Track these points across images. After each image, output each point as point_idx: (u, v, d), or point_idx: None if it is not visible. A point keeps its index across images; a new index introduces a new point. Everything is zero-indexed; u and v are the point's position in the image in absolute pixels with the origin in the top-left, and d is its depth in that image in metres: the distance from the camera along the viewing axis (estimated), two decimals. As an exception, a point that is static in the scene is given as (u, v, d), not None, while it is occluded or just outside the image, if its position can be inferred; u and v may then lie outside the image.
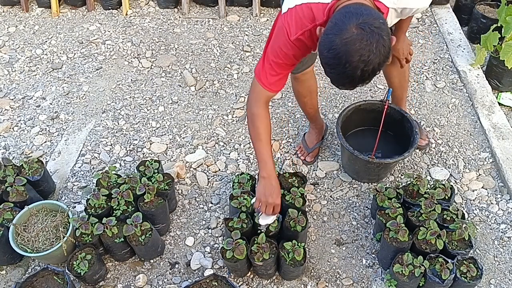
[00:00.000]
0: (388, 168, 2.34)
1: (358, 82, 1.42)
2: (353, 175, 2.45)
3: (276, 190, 1.87)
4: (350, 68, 1.36)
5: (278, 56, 1.67)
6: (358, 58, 1.34)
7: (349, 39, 1.33)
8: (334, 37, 1.35)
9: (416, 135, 2.23)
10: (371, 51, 1.33)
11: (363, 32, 1.32)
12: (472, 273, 1.86)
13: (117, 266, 2.13)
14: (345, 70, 1.37)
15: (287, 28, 1.60)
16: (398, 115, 2.36)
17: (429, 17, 3.53)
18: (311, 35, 1.59)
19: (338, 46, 1.34)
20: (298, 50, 1.65)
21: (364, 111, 2.42)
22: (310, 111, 2.41)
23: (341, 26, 1.35)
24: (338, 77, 1.43)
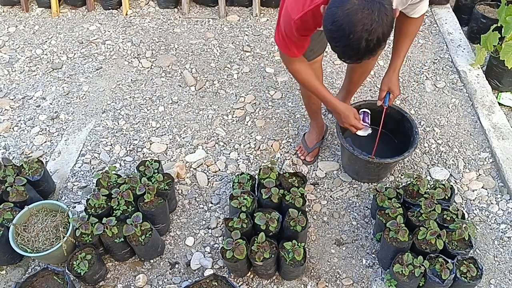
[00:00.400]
0: (388, 168, 2.34)
1: (364, 54, 1.44)
2: (353, 175, 2.44)
3: (344, 114, 2.05)
4: (355, 38, 1.38)
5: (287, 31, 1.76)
6: (361, 28, 1.36)
7: (350, 10, 1.36)
8: (336, 9, 1.39)
9: (416, 135, 2.23)
10: (373, 19, 1.35)
11: (364, 2, 1.35)
12: (472, 273, 1.86)
13: (117, 266, 2.13)
14: (349, 42, 1.40)
15: (290, 10, 1.68)
16: (398, 115, 2.36)
17: (429, 17, 3.53)
18: (313, 15, 1.63)
19: (341, 18, 1.37)
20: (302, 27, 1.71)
21: None
22: (313, 106, 2.41)
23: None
24: (344, 49, 1.45)
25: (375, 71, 3.09)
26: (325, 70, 3.08)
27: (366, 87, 2.98)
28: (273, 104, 2.87)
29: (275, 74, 3.09)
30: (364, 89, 2.97)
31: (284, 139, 2.67)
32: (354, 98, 2.89)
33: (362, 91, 2.95)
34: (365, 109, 2.23)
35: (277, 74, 3.09)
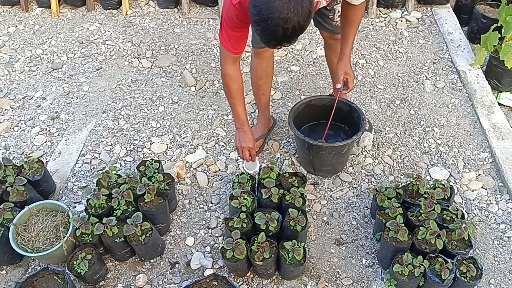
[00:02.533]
0: (340, 156, 2.35)
1: (282, 40, 1.55)
2: (309, 168, 2.47)
3: (248, 136, 2.18)
4: (272, 24, 1.48)
5: (226, 20, 1.85)
6: (277, 15, 1.46)
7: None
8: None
9: (363, 121, 2.29)
10: (289, 9, 1.45)
11: None
12: (472, 273, 1.86)
13: (117, 266, 2.14)
14: (267, 27, 1.50)
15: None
16: (346, 107, 2.42)
17: (429, 17, 3.53)
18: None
19: (261, 3, 1.48)
20: (240, 12, 1.77)
21: (314, 106, 2.46)
22: (263, 97, 2.49)
23: None
24: (263, 34, 1.57)
25: (375, 71, 3.10)
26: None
27: (366, 87, 2.99)
28: (273, 104, 2.87)
29: (275, 74, 3.08)
30: (364, 89, 2.97)
31: (284, 139, 2.67)
32: (354, 99, 2.90)
33: (362, 91, 2.96)
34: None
35: (277, 74, 3.09)
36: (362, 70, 3.11)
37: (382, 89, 2.97)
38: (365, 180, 2.46)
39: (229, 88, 2.11)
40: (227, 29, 1.88)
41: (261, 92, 2.46)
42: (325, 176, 2.47)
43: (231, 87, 2.10)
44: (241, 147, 2.22)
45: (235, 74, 2.08)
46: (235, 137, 2.22)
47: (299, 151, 2.50)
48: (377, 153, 2.58)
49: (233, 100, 2.15)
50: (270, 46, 1.67)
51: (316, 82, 3.04)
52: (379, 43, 3.32)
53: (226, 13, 1.83)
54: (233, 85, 2.10)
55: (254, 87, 2.47)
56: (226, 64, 2.04)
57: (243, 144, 2.20)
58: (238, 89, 2.12)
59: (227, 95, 2.16)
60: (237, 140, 2.23)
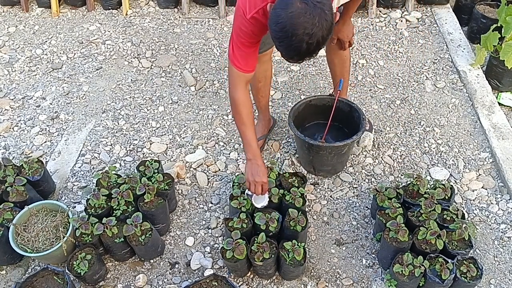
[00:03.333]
0: (340, 156, 2.35)
1: (305, 55, 1.53)
2: (310, 168, 2.47)
3: (261, 169, 1.94)
4: (296, 40, 1.46)
5: (240, 35, 1.79)
6: (302, 31, 1.44)
7: (294, 13, 1.44)
8: (281, 11, 1.47)
9: (363, 121, 2.28)
10: (314, 24, 1.43)
11: (306, 7, 1.43)
12: (472, 273, 1.86)
13: (117, 266, 2.13)
14: (291, 43, 1.48)
15: (243, 9, 1.73)
16: (346, 107, 2.42)
17: (429, 17, 3.53)
18: (264, 13, 1.69)
19: (284, 20, 1.45)
20: (255, 27, 1.75)
21: (314, 106, 2.46)
22: (262, 99, 2.48)
23: (287, 1, 1.46)
24: (286, 50, 1.54)
25: (375, 71, 3.10)
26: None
27: (366, 87, 2.99)
28: (273, 104, 2.87)
29: (275, 74, 3.09)
30: (364, 89, 2.97)
31: (284, 139, 2.67)
32: (354, 99, 2.89)
33: (362, 91, 2.95)
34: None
35: (277, 74, 3.09)
36: (362, 70, 3.11)
37: (382, 89, 2.97)
38: (365, 180, 2.46)
39: (240, 115, 1.93)
40: (240, 46, 1.80)
41: (260, 95, 2.45)
42: (325, 176, 2.47)
43: (242, 113, 1.92)
44: (254, 182, 1.94)
45: (246, 98, 1.93)
46: (246, 169, 1.96)
47: (299, 151, 2.50)
48: (377, 153, 2.58)
49: (244, 127, 1.94)
50: (292, 61, 1.64)
51: (316, 82, 3.03)
52: (379, 43, 3.32)
53: (240, 29, 1.76)
54: (244, 111, 1.92)
55: (253, 90, 2.45)
56: (238, 87, 1.90)
57: (257, 179, 1.93)
58: (249, 114, 1.94)
59: (237, 122, 1.97)
60: (249, 173, 1.94)
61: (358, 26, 3.46)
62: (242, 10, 1.73)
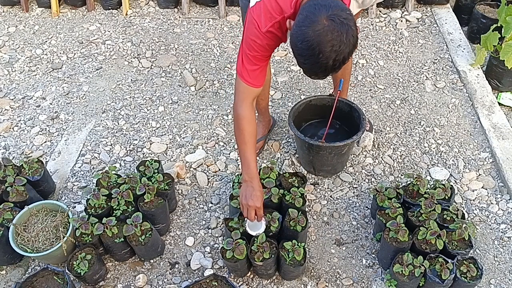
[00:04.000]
0: (340, 156, 2.35)
1: (330, 71, 1.50)
2: (310, 168, 2.47)
3: (256, 193, 1.84)
4: (323, 58, 1.43)
5: (253, 48, 1.73)
6: (330, 49, 1.41)
7: (321, 31, 1.40)
8: (307, 29, 1.42)
9: (363, 121, 2.28)
10: (341, 41, 1.41)
11: (333, 24, 1.40)
12: (472, 273, 1.86)
13: (117, 266, 2.13)
14: (318, 60, 1.45)
15: (257, 21, 1.67)
16: (346, 107, 2.42)
17: (429, 17, 3.53)
18: (280, 27, 1.66)
19: (311, 38, 1.42)
20: (271, 40, 1.71)
21: (314, 106, 2.46)
22: (261, 102, 2.47)
23: (312, 18, 1.42)
24: (312, 67, 1.51)
25: (375, 71, 3.10)
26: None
27: (366, 87, 2.99)
28: (273, 104, 2.87)
29: (275, 74, 3.09)
30: (364, 89, 2.97)
31: (284, 139, 2.67)
32: (354, 99, 2.89)
33: (362, 91, 2.95)
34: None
35: (277, 74, 3.09)
36: (362, 70, 3.11)
37: (382, 89, 2.97)
38: (365, 180, 2.46)
39: (243, 132, 1.84)
40: (252, 59, 1.74)
41: (260, 97, 2.43)
42: (325, 176, 2.47)
43: (246, 130, 1.83)
44: (247, 205, 1.85)
45: (251, 116, 1.85)
46: (241, 191, 1.87)
47: (299, 151, 2.50)
48: (377, 153, 2.58)
49: (244, 146, 1.85)
50: (315, 77, 1.58)
51: (316, 82, 3.03)
52: (379, 43, 3.32)
53: (254, 42, 1.70)
54: (248, 129, 1.84)
55: None
56: (244, 102, 1.83)
57: (250, 203, 1.83)
58: (252, 133, 1.86)
59: (238, 140, 1.87)
60: (243, 196, 1.85)
61: (358, 26, 3.46)
62: (257, 23, 1.66)
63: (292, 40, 1.50)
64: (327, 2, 1.44)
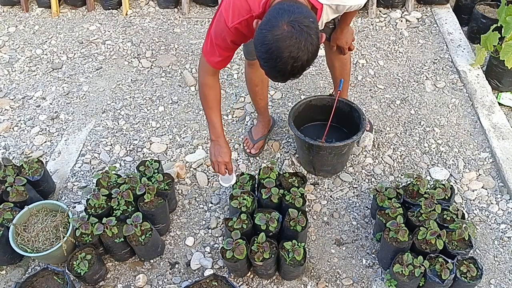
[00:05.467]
0: (340, 156, 2.35)
1: (289, 76, 1.51)
2: (310, 168, 2.47)
3: (223, 150, 2.00)
4: (281, 63, 1.44)
5: (219, 39, 1.76)
6: (288, 55, 1.41)
7: (279, 36, 1.40)
8: (267, 32, 1.43)
9: (363, 121, 2.28)
10: (299, 48, 1.41)
11: (293, 30, 1.40)
12: (472, 273, 1.86)
13: (117, 266, 2.13)
14: (276, 65, 1.45)
15: (225, 16, 1.68)
16: (346, 107, 2.42)
17: (429, 17, 3.53)
18: (248, 25, 1.66)
19: (270, 42, 1.42)
20: (236, 36, 1.72)
21: (314, 106, 2.46)
22: (260, 102, 2.48)
23: (273, 22, 1.43)
24: (270, 70, 1.51)
25: (375, 71, 3.10)
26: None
27: (366, 87, 2.99)
28: (273, 104, 2.87)
29: (275, 74, 3.08)
30: (364, 89, 2.97)
31: (284, 139, 2.67)
32: (354, 98, 2.89)
33: (362, 91, 2.95)
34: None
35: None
36: (362, 70, 3.11)
37: (382, 89, 2.97)
38: (365, 180, 2.46)
39: (206, 97, 1.97)
40: (217, 48, 1.79)
41: (258, 98, 2.45)
42: (325, 176, 2.47)
43: (208, 96, 1.96)
44: (216, 162, 2.01)
45: (214, 84, 1.96)
46: (210, 150, 2.03)
47: (299, 151, 2.50)
48: (377, 153, 2.58)
49: (209, 110, 1.99)
50: (275, 81, 1.62)
51: (316, 82, 3.03)
52: (379, 43, 3.32)
53: (220, 34, 1.74)
54: (211, 95, 1.96)
55: (251, 94, 2.45)
56: (207, 74, 1.93)
57: (219, 159, 2.00)
58: (215, 98, 1.98)
59: (203, 105, 2.01)
60: (212, 154, 2.02)
61: (358, 26, 3.46)
62: (225, 17, 1.68)
63: (254, 41, 1.50)
64: (292, 8, 1.43)
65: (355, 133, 2.26)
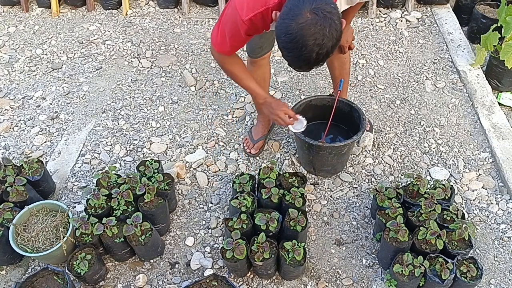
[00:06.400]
0: (340, 156, 2.35)
1: (314, 64, 1.52)
2: (310, 168, 2.47)
3: (274, 104, 2.02)
4: (306, 51, 1.45)
5: (231, 32, 1.78)
6: (313, 42, 1.43)
7: (304, 24, 1.42)
8: (290, 22, 1.44)
9: (364, 121, 2.28)
10: (324, 35, 1.42)
11: (316, 17, 1.41)
12: (472, 273, 1.86)
13: (117, 266, 2.13)
14: (301, 53, 1.47)
15: (239, 10, 1.69)
16: (346, 107, 2.42)
17: (429, 17, 3.53)
18: (262, 17, 1.68)
19: (294, 31, 1.43)
20: (250, 29, 1.73)
21: (314, 106, 2.46)
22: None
23: (296, 11, 1.43)
24: (295, 59, 1.53)
25: (375, 71, 3.10)
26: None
27: (366, 87, 2.99)
28: (273, 104, 2.87)
29: (275, 74, 3.09)
30: (364, 89, 2.97)
31: (284, 139, 2.67)
32: (354, 98, 2.89)
33: (362, 91, 2.95)
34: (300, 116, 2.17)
35: (277, 74, 3.09)
36: (362, 70, 3.11)
37: (382, 89, 2.97)
38: (365, 180, 2.46)
39: (234, 72, 1.99)
40: (230, 40, 1.81)
41: None
42: (325, 176, 2.47)
43: (235, 71, 1.99)
44: (277, 116, 2.00)
45: (234, 59, 1.98)
46: (265, 112, 2.06)
47: (299, 151, 2.50)
48: (377, 153, 2.58)
49: (243, 81, 2.01)
50: (299, 70, 1.63)
51: (316, 82, 3.04)
52: (379, 43, 3.32)
53: (232, 27, 1.75)
54: (236, 69, 1.99)
55: None
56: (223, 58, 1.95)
57: (277, 112, 2.00)
58: (242, 69, 2.01)
59: (236, 79, 2.03)
60: (269, 114, 2.03)
61: (358, 26, 3.46)
62: (239, 11, 1.69)
63: (276, 32, 1.51)
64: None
65: (355, 133, 2.26)
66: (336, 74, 2.48)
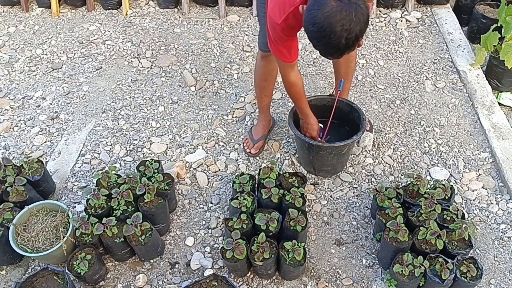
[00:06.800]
0: (340, 156, 2.35)
1: (345, 50, 1.55)
2: (310, 168, 2.47)
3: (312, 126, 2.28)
4: (335, 38, 1.48)
5: (276, 37, 1.87)
6: (340, 28, 1.46)
7: (329, 12, 1.46)
8: (316, 12, 1.49)
9: (364, 121, 2.29)
10: (351, 20, 1.46)
11: (341, 4, 1.46)
12: (472, 273, 1.86)
13: (117, 266, 2.13)
14: (330, 41, 1.50)
15: (273, 16, 1.79)
16: (346, 107, 2.43)
17: (429, 17, 3.53)
18: (294, 16, 1.74)
19: (321, 20, 1.47)
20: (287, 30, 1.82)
21: (314, 106, 2.44)
22: (265, 99, 2.50)
23: (321, 1, 1.48)
24: (325, 48, 1.57)
25: (375, 71, 3.10)
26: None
27: (366, 87, 2.99)
28: (273, 104, 2.87)
29: (275, 74, 3.08)
30: (364, 89, 2.97)
31: (284, 139, 2.67)
32: (354, 98, 2.89)
33: (362, 91, 2.95)
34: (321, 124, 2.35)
35: (277, 74, 3.09)
36: (362, 70, 3.11)
37: (382, 89, 2.97)
38: (365, 180, 2.46)
39: (297, 94, 2.16)
40: (278, 44, 1.90)
41: (264, 94, 2.45)
42: (325, 176, 2.47)
43: (299, 92, 2.15)
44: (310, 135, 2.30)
45: (299, 79, 2.12)
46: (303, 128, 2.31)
47: (299, 151, 2.50)
48: (377, 153, 2.58)
49: (300, 103, 2.21)
50: (330, 58, 1.67)
51: (316, 82, 3.04)
52: (379, 43, 3.32)
53: (274, 32, 1.85)
54: (299, 90, 2.15)
55: (257, 88, 2.46)
56: (288, 73, 2.06)
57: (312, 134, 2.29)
58: (301, 90, 2.17)
59: (295, 101, 2.22)
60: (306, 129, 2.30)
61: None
62: (273, 18, 1.78)
63: (304, 24, 1.56)
64: None
65: (356, 133, 2.26)
66: (341, 71, 2.47)
